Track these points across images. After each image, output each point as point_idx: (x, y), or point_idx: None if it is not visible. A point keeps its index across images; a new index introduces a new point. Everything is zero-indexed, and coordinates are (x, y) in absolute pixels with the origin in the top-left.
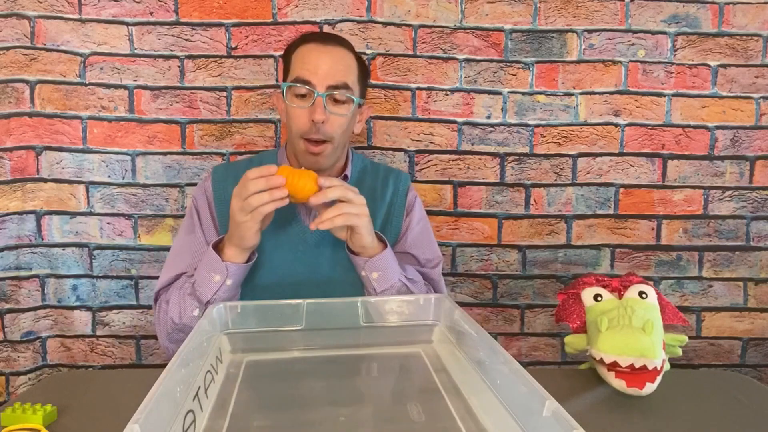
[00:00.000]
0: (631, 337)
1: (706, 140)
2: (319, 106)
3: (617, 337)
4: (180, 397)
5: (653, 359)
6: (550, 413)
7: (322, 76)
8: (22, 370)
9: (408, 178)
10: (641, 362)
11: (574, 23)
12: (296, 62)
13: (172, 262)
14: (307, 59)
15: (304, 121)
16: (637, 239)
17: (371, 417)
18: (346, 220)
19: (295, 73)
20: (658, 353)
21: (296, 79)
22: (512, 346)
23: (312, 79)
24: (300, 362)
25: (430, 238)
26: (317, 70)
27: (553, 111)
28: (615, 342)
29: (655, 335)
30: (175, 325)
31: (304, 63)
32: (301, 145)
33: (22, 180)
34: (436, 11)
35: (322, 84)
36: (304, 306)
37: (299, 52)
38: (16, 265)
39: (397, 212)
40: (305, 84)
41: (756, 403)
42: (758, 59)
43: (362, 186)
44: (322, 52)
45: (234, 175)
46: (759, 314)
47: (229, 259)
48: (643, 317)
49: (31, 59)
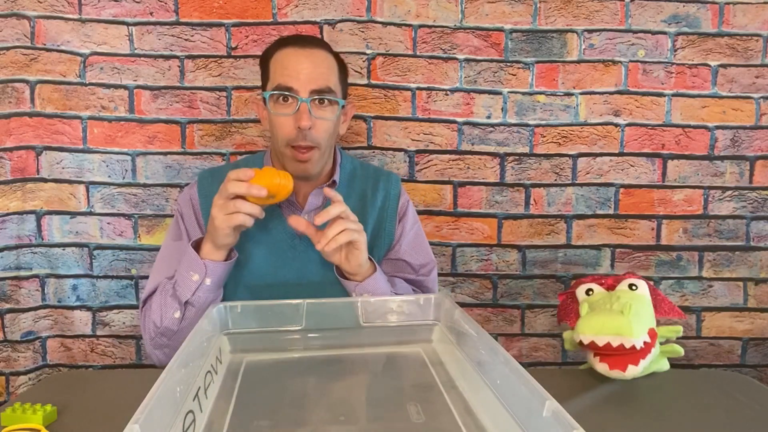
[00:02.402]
0: (606, 317)
1: (706, 140)
2: (304, 113)
3: (594, 318)
4: (180, 397)
5: (630, 337)
6: (550, 413)
7: (305, 80)
8: (22, 370)
9: (398, 181)
10: (617, 341)
11: (574, 23)
12: (276, 68)
13: (157, 268)
14: (287, 64)
15: (290, 129)
16: (637, 239)
17: (371, 417)
18: (350, 236)
19: (275, 80)
20: (635, 332)
21: (278, 87)
22: (512, 347)
23: (294, 84)
24: (300, 362)
25: (424, 242)
26: (299, 75)
27: (553, 111)
28: (592, 323)
29: (633, 316)
30: (157, 329)
31: (284, 68)
32: (288, 152)
33: (22, 180)
34: (436, 11)
35: (305, 89)
36: (304, 306)
37: (277, 58)
38: (16, 265)
39: (389, 217)
40: (287, 90)
41: (756, 403)
42: (758, 59)
43: (352, 190)
44: (302, 55)
45: (219, 181)
46: (759, 314)
47: (206, 256)
48: (626, 301)
49: (31, 59)
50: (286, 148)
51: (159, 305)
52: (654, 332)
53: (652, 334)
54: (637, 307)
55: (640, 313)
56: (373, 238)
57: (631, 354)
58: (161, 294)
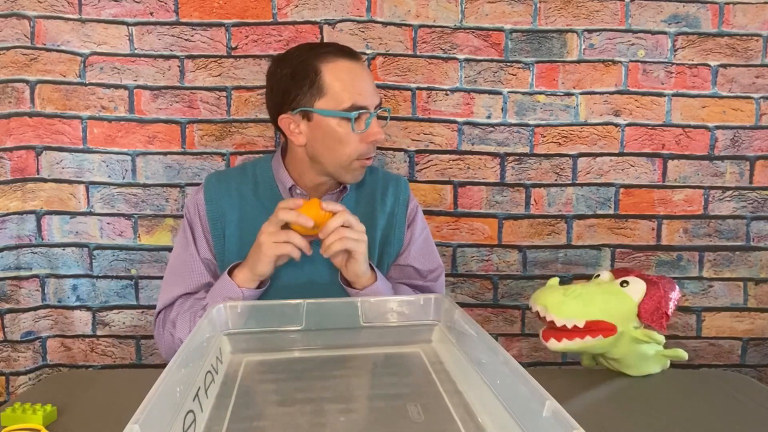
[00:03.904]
0: (549, 293)
1: (706, 140)
2: (378, 126)
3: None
4: (180, 397)
5: (555, 315)
6: (550, 413)
7: (372, 97)
8: (22, 370)
9: (407, 186)
10: (544, 313)
11: (574, 23)
12: (344, 87)
13: (171, 280)
14: (356, 83)
15: (360, 144)
16: (638, 239)
17: (371, 417)
18: (344, 244)
19: (349, 99)
20: (563, 312)
21: (354, 107)
22: (513, 347)
23: (368, 104)
24: (300, 362)
25: (432, 248)
26: (367, 93)
27: (553, 111)
28: (538, 294)
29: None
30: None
31: (354, 87)
32: (356, 165)
33: (22, 180)
34: (436, 11)
35: (373, 104)
36: (304, 306)
37: (339, 74)
38: (16, 265)
39: (399, 223)
40: (364, 109)
41: (756, 403)
42: (758, 59)
43: (362, 194)
44: (363, 71)
45: (227, 187)
46: (759, 314)
47: (242, 284)
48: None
49: (31, 59)
50: (356, 162)
51: (187, 325)
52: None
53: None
54: (590, 296)
55: (588, 301)
56: (383, 245)
57: (559, 332)
58: (190, 312)
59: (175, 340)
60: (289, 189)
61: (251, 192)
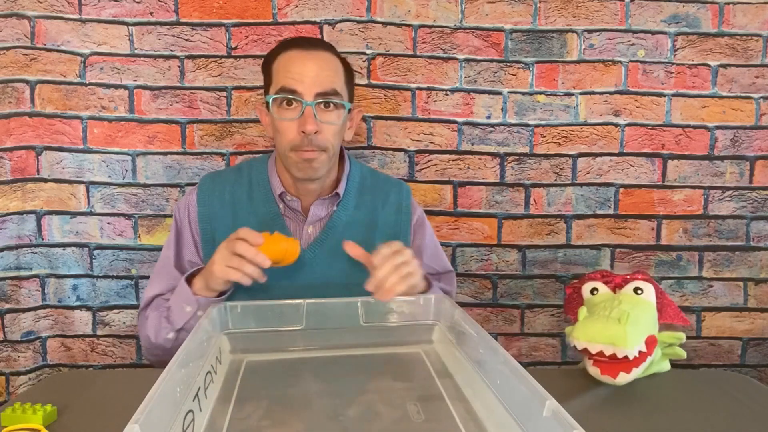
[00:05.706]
0: (602, 326)
1: (706, 140)
2: (309, 116)
3: (590, 326)
4: (180, 397)
5: (623, 348)
6: (550, 413)
7: (309, 83)
8: (22, 370)
9: (410, 193)
10: (610, 350)
11: (574, 23)
12: (279, 71)
13: (155, 278)
14: (291, 67)
15: (294, 134)
16: (637, 239)
17: (371, 417)
18: (408, 281)
19: (279, 83)
20: (629, 343)
21: (281, 89)
22: (512, 347)
23: (298, 87)
24: (300, 362)
25: (440, 252)
26: (303, 77)
27: (553, 111)
28: (587, 330)
29: (630, 326)
30: (151, 344)
31: (288, 71)
32: (293, 157)
33: (23, 180)
34: (436, 11)
35: (310, 92)
36: (304, 306)
37: (281, 61)
38: (16, 265)
39: (403, 231)
40: (291, 93)
41: (756, 403)
42: (758, 59)
43: (362, 202)
44: (306, 58)
45: (221, 190)
46: (759, 314)
47: (198, 292)
48: (624, 310)
49: (31, 59)
50: (291, 153)
51: (154, 324)
52: (653, 339)
53: (650, 341)
54: (637, 314)
55: (638, 321)
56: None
57: (624, 363)
58: (157, 312)
59: (145, 335)
60: (279, 196)
61: (245, 195)
